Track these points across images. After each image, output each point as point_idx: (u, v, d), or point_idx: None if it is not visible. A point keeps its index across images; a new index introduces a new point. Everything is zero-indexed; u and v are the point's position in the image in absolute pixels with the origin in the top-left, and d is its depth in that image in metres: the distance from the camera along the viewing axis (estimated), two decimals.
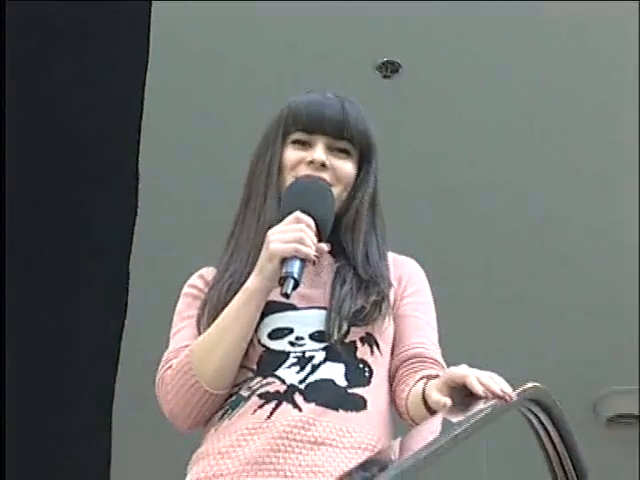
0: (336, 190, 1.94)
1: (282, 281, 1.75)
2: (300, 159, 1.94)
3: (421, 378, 1.84)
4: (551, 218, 5.76)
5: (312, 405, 1.79)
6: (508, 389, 1.65)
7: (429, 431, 1.57)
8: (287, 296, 1.75)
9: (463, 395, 1.67)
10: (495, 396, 1.62)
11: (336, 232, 1.94)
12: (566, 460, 2.10)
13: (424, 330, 1.96)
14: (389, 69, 5.12)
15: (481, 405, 1.63)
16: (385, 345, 1.91)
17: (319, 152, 1.92)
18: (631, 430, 6.60)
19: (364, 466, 1.48)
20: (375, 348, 1.89)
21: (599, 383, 6.54)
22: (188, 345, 1.88)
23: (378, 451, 1.73)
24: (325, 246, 1.84)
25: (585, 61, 5.11)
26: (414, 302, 1.98)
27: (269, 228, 1.83)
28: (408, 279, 2.02)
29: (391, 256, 2.04)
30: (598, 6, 4.76)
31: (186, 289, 2.02)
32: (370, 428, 1.82)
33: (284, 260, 1.76)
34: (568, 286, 5.91)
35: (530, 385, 1.83)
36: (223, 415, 1.84)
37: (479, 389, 1.62)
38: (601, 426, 6.66)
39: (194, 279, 2.04)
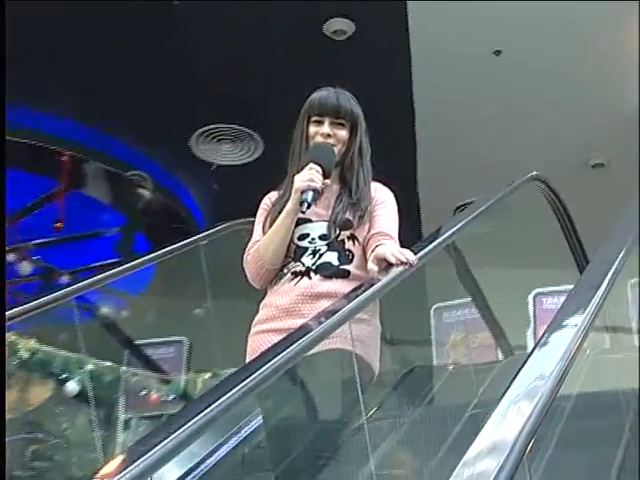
0: (337, 147, 3.41)
1: (301, 204, 3.20)
2: (316, 132, 3.42)
3: (375, 247, 3.27)
4: None
5: (318, 276, 3.30)
6: (411, 257, 3.13)
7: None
8: (303, 213, 3.26)
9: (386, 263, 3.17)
10: (402, 263, 3.12)
11: (342, 171, 3.47)
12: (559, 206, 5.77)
13: (386, 221, 3.39)
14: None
15: (394, 269, 3.16)
16: (362, 238, 3.37)
17: (326, 127, 3.41)
18: None
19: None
20: (356, 241, 3.36)
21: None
22: (258, 240, 3.41)
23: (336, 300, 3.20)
24: (328, 181, 3.32)
25: None
26: (382, 208, 3.43)
27: (298, 172, 3.30)
28: (382, 198, 3.47)
29: (375, 185, 3.50)
30: None
31: (261, 205, 3.54)
32: (351, 287, 3.25)
33: (303, 192, 3.21)
34: None
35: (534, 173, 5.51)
36: (274, 282, 3.37)
37: (392, 260, 3.12)
38: None
39: (265, 199, 3.56)
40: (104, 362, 6.18)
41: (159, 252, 5.67)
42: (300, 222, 3.34)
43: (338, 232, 3.33)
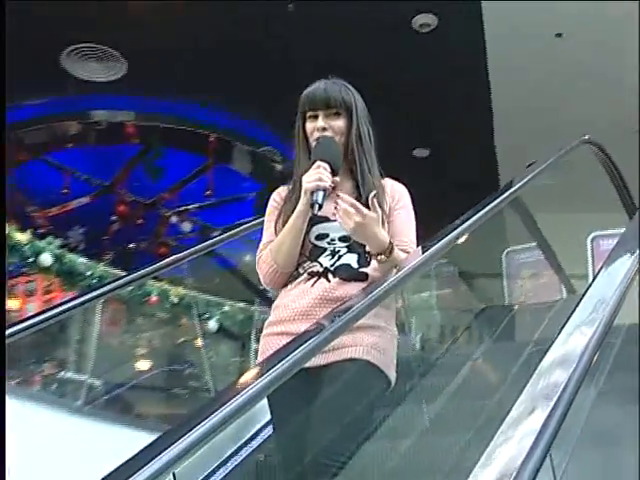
0: (337, 138, 2.64)
1: (312, 207, 2.48)
2: (313, 128, 2.67)
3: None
4: None
5: (337, 279, 2.58)
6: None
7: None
8: (315, 215, 2.52)
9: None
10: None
11: (348, 163, 2.69)
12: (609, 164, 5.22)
13: (406, 230, 2.68)
14: None
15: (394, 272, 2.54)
16: None
17: (320, 122, 2.65)
18: None
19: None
20: None
21: None
22: (271, 240, 2.68)
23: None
24: (337, 178, 2.56)
25: None
26: (401, 213, 2.69)
27: (305, 172, 2.55)
28: (399, 199, 2.72)
29: (389, 181, 2.77)
30: None
31: (271, 201, 2.80)
32: None
33: (312, 192, 2.48)
34: None
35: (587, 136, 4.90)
36: (288, 283, 2.64)
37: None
38: None
39: (275, 194, 2.81)
40: (238, 303, 6.19)
41: None
42: (316, 221, 2.61)
43: None
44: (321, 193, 2.47)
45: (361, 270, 2.60)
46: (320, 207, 2.46)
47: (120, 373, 5.63)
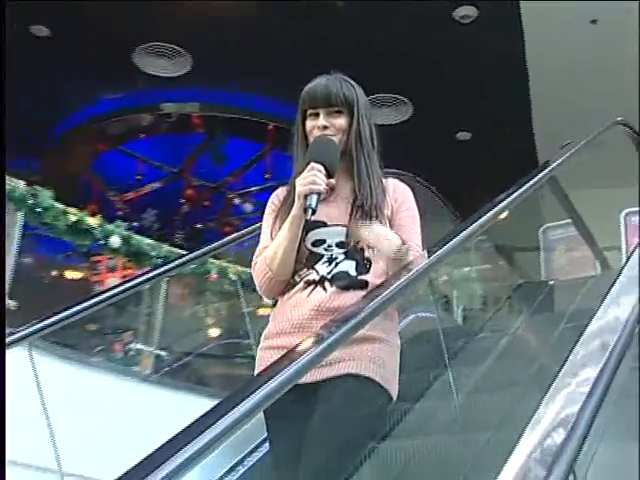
0: (337, 137, 2.23)
1: (305, 211, 2.09)
2: (313, 126, 2.25)
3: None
4: None
5: (334, 288, 2.18)
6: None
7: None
8: (307, 221, 2.12)
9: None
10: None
11: (347, 164, 2.26)
12: None
13: (411, 235, 2.24)
14: None
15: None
16: None
17: (321, 120, 2.23)
18: None
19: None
20: (375, 249, 2.20)
21: None
22: (267, 246, 2.27)
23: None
24: (332, 180, 2.17)
25: None
26: (406, 216, 2.28)
27: (300, 173, 2.16)
28: (402, 201, 2.30)
29: (391, 181, 2.33)
30: None
31: (269, 203, 2.37)
32: None
33: (306, 196, 2.09)
34: None
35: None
36: (285, 292, 2.24)
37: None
38: None
39: (273, 196, 2.38)
40: None
41: None
42: (313, 226, 2.20)
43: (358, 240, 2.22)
44: (315, 197, 2.08)
45: (360, 277, 2.19)
46: (314, 212, 2.08)
47: (183, 344, 5.60)
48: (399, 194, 2.30)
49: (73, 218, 4.83)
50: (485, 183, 5.74)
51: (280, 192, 2.36)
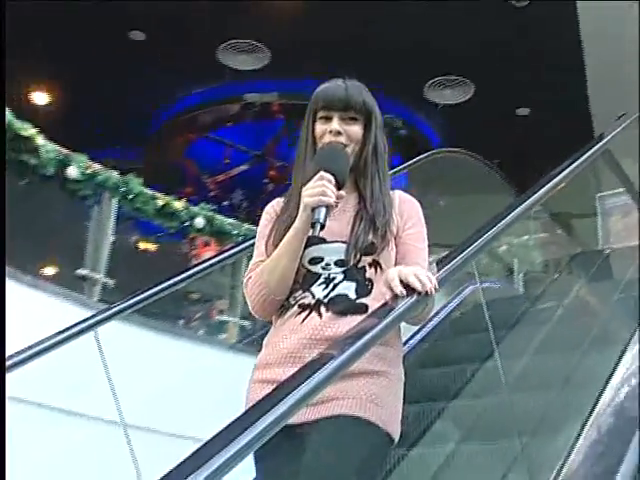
0: (350, 147, 1.80)
1: (313, 226, 1.66)
2: (324, 130, 1.81)
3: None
4: None
5: (329, 314, 1.72)
6: (429, 283, 1.57)
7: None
8: (316, 236, 1.68)
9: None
10: (417, 291, 1.55)
11: (356, 177, 1.84)
12: None
13: (416, 254, 1.81)
14: None
15: (400, 302, 1.53)
16: (386, 265, 1.78)
17: (334, 124, 1.80)
18: None
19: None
20: (379, 269, 1.77)
21: None
22: (262, 261, 1.80)
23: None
24: (343, 192, 1.71)
25: None
26: (412, 234, 1.83)
27: (306, 182, 1.71)
28: (408, 216, 1.85)
29: (397, 194, 1.88)
30: None
31: (264, 214, 1.91)
32: None
33: (314, 209, 1.66)
34: None
35: None
36: (280, 315, 1.78)
37: (397, 291, 1.55)
38: None
39: (269, 207, 1.91)
40: None
41: (408, 163, 5.28)
42: (311, 242, 1.75)
43: (359, 257, 1.76)
44: (323, 210, 1.65)
45: (359, 301, 1.73)
46: (322, 227, 1.64)
47: None
48: (405, 208, 1.85)
49: (160, 202, 4.78)
50: (542, 156, 5.47)
51: (276, 203, 1.89)
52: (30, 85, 9.20)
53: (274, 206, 1.89)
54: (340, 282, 1.74)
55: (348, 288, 1.74)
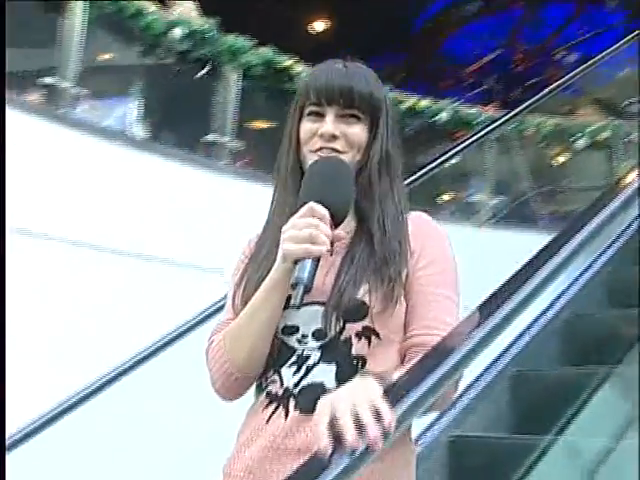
0: (349, 155, 0.94)
1: (294, 287, 0.84)
2: (313, 131, 0.94)
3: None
4: None
5: (296, 414, 0.90)
6: (373, 430, 0.67)
7: None
8: (297, 307, 0.83)
9: None
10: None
11: (356, 197, 0.92)
12: None
13: (435, 307, 0.91)
14: None
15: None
16: (388, 329, 0.90)
17: (327, 125, 0.93)
18: None
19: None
20: (373, 338, 0.90)
21: None
22: (232, 319, 0.96)
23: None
24: (342, 233, 0.89)
25: None
26: (428, 275, 0.92)
27: (289, 216, 0.88)
28: (421, 250, 0.93)
29: (411, 219, 0.96)
30: None
31: (240, 254, 1.02)
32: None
33: (297, 261, 0.84)
34: None
35: None
36: (255, 396, 0.97)
37: (320, 445, 0.68)
38: None
39: (245, 244, 1.03)
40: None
41: None
42: (285, 305, 0.91)
43: (342, 326, 0.89)
44: (308, 264, 0.83)
45: None
46: (307, 290, 0.83)
47: (511, 192, 4.91)
48: (418, 242, 0.94)
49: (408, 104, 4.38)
50: None
51: (255, 237, 1.02)
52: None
53: (250, 243, 1.02)
54: (316, 364, 0.91)
55: (325, 374, 0.90)
